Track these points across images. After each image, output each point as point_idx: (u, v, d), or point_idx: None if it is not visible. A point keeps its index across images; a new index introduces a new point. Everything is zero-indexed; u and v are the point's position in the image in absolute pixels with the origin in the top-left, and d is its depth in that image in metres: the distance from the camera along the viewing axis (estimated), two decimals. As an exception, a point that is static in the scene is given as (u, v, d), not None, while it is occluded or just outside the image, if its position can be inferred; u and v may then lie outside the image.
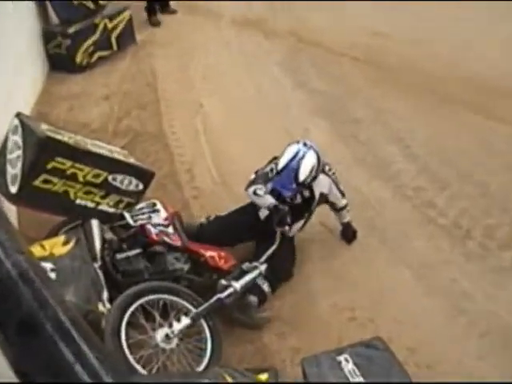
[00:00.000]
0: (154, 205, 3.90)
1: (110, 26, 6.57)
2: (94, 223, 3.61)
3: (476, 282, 3.61)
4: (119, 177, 3.77)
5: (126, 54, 6.66)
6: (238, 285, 3.40)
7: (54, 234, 3.73)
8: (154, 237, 3.64)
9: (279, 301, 3.67)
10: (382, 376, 2.68)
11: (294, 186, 3.64)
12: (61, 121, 5.21)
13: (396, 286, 3.66)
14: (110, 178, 3.73)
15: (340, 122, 5.17)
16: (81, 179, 3.63)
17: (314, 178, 3.70)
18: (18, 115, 3.74)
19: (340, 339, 3.27)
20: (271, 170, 3.79)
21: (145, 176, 3.92)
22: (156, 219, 3.76)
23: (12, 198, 3.61)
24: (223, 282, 3.43)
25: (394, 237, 4.04)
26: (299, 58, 6.21)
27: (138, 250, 3.58)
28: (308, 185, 3.72)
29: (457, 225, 4.04)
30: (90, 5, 6.47)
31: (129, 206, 3.84)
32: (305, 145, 3.70)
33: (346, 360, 2.76)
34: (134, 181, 3.85)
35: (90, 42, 6.40)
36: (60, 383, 1.13)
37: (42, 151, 3.53)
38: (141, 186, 3.89)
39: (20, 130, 3.61)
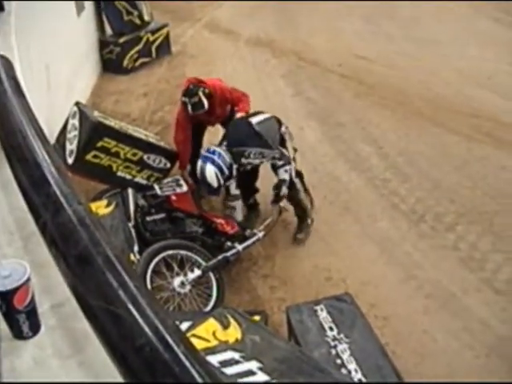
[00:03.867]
0: (178, 180, 3.90)
1: (151, 38, 6.51)
2: (130, 191, 3.62)
3: (425, 256, 3.57)
4: (152, 156, 3.77)
5: (162, 61, 6.58)
6: (240, 247, 3.40)
7: (98, 198, 3.74)
8: (176, 205, 3.63)
9: (271, 261, 3.66)
10: (348, 323, 2.68)
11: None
12: (108, 110, 5.17)
13: (364, 255, 3.64)
14: (145, 156, 3.73)
15: (328, 124, 5.12)
16: (122, 156, 3.64)
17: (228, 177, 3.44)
18: (77, 104, 3.74)
19: (317, 293, 3.25)
20: None
21: (172, 157, 3.91)
22: (179, 191, 3.76)
23: (68, 168, 3.56)
24: (229, 243, 3.44)
25: (364, 217, 4.00)
26: (299, 72, 6.10)
27: (163, 215, 3.58)
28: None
29: (413, 210, 3.98)
30: (137, 21, 6.46)
31: (158, 180, 3.84)
32: (205, 158, 3.39)
33: (322, 309, 2.76)
34: (163, 160, 3.83)
35: (135, 50, 6.36)
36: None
37: (94, 133, 3.54)
38: (168, 165, 3.88)
39: (78, 115, 3.61)
